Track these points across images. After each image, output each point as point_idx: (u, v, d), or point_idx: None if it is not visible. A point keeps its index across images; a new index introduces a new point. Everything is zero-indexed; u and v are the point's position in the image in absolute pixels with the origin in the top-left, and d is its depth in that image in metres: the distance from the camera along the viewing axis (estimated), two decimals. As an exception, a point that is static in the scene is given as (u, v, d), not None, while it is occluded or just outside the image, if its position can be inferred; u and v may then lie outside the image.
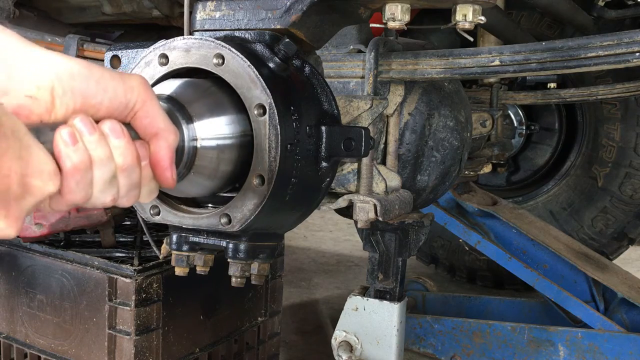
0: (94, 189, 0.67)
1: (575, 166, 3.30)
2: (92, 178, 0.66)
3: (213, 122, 0.91)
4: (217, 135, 0.92)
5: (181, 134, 0.85)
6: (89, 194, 0.67)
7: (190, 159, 0.87)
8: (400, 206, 1.35)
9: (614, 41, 1.14)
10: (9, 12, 2.02)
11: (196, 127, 0.88)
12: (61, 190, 0.64)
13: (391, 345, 1.63)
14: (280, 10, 1.10)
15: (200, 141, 0.88)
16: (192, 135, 0.87)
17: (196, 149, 0.88)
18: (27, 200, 0.60)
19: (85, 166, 0.65)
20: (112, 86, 0.68)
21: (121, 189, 0.69)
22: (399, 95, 1.39)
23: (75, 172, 0.64)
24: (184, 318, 1.86)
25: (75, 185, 0.65)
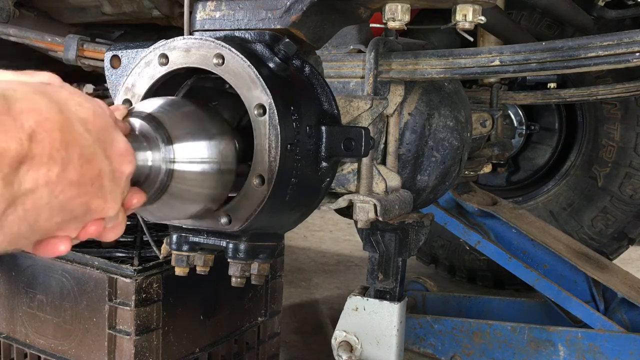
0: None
1: (575, 166, 3.30)
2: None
3: (192, 145, 0.88)
4: (195, 158, 0.88)
5: (158, 154, 0.82)
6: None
7: (165, 182, 0.84)
8: (400, 206, 1.35)
9: (614, 41, 1.14)
10: (9, 12, 2.02)
11: (175, 149, 0.85)
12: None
13: (391, 345, 1.63)
14: (280, 10, 1.10)
15: (177, 164, 0.85)
16: (169, 157, 0.84)
17: (172, 172, 0.84)
18: (120, 184, 0.67)
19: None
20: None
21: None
22: (399, 95, 1.39)
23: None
24: (184, 318, 1.86)
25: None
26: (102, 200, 0.64)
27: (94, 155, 0.62)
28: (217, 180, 0.92)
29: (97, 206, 0.64)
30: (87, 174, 0.61)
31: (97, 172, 0.62)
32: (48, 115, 0.58)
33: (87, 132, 0.62)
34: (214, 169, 0.91)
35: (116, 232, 0.70)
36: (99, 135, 0.64)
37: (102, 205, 0.64)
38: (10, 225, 0.56)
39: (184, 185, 0.87)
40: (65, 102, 0.61)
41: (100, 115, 0.65)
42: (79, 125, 0.61)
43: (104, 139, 0.64)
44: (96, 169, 0.62)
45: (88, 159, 0.61)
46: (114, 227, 0.70)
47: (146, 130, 0.83)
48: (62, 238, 0.63)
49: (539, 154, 3.64)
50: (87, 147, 0.61)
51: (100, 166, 0.63)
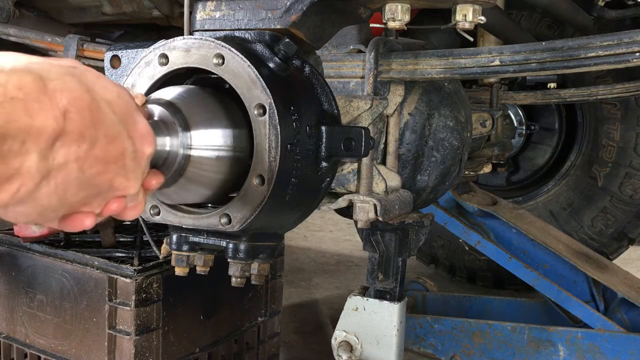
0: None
1: (575, 166, 3.30)
2: None
3: (209, 132, 0.92)
4: (211, 145, 0.92)
5: (175, 140, 0.86)
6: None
7: (182, 166, 0.87)
8: (400, 206, 1.35)
9: (614, 41, 1.14)
10: (9, 12, 2.02)
11: (192, 135, 0.88)
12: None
13: (391, 345, 1.63)
14: (280, 10, 1.10)
15: (194, 149, 0.89)
16: (186, 142, 0.88)
17: (189, 157, 0.88)
18: (141, 164, 0.70)
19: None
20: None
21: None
22: (399, 95, 1.39)
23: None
24: (184, 318, 1.86)
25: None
26: (124, 178, 0.67)
27: (119, 135, 0.65)
28: (231, 166, 0.95)
29: (120, 183, 0.67)
30: (112, 152, 0.64)
31: (121, 150, 0.66)
32: (79, 94, 0.61)
33: (112, 113, 0.65)
34: (229, 156, 0.94)
35: (137, 211, 0.73)
36: (122, 116, 0.67)
37: (125, 182, 0.68)
38: (42, 197, 0.59)
39: (200, 170, 0.90)
40: (92, 84, 0.64)
41: (123, 98, 0.68)
42: (105, 105, 0.64)
43: (127, 120, 0.68)
44: (120, 147, 0.66)
45: (113, 137, 0.65)
46: (134, 207, 0.73)
47: (165, 116, 0.86)
48: (87, 213, 0.67)
49: (539, 154, 3.64)
50: (112, 127, 0.65)
51: (124, 145, 0.66)
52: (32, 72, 0.58)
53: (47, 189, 0.59)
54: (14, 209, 0.59)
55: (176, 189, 0.91)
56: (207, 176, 0.93)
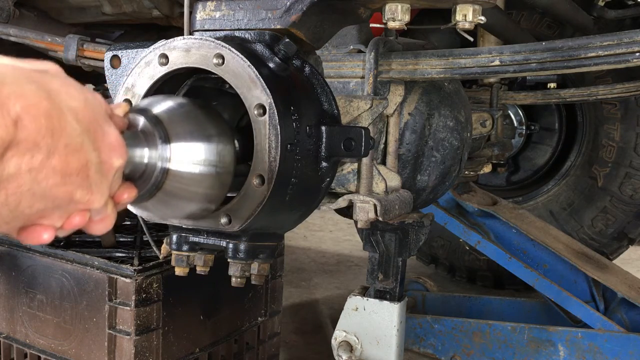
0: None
1: (575, 166, 3.30)
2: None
3: (190, 147, 0.87)
4: (192, 160, 0.87)
5: (154, 152, 0.82)
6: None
7: (160, 180, 0.84)
8: (400, 206, 1.35)
9: (614, 41, 1.14)
10: (9, 12, 2.02)
11: (172, 148, 0.84)
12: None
13: (391, 345, 1.63)
14: (280, 10, 1.10)
15: (173, 163, 0.84)
16: (165, 155, 0.84)
17: (168, 171, 0.84)
18: (107, 177, 0.66)
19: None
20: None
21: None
22: (399, 95, 1.39)
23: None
24: (184, 318, 1.86)
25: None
26: (86, 191, 0.63)
27: (81, 146, 0.62)
28: (213, 181, 0.92)
29: (81, 197, 0.63)
30: (73, 164, 0.61)
31: (83, 162, 0.62)
32: (35, 101, 0.57)
33: (76, 122, 0.61)
34: (211, 171, 0.90)
35: (105, 225, 0.70)
36: (89, 125, 0.63)
37: (87, 196, 0.64)
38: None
39: (179, 184, 0.86)
40: (55, 91, 0.61)
41: (92, 106, 0.65)
42: (68, 114, 0.61)
43: (94, 130, 0.64)
44: (83, 159, 0.62)
45: (75, 148, 0.61)
46: (102, 220, 0.69)
47: (145, 127, 0.83)
48: (46, 226, 0.64)
49: (539, 154, 3.64)
50: (75, 137, 0.61)
51: (88, 157, 0.63)
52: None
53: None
54: None
55: (155, 203, 0.87)
56: (187, 190, 0.89)
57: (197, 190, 0.90)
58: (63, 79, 0.64)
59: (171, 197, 0.87)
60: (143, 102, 0.92)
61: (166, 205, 0.90)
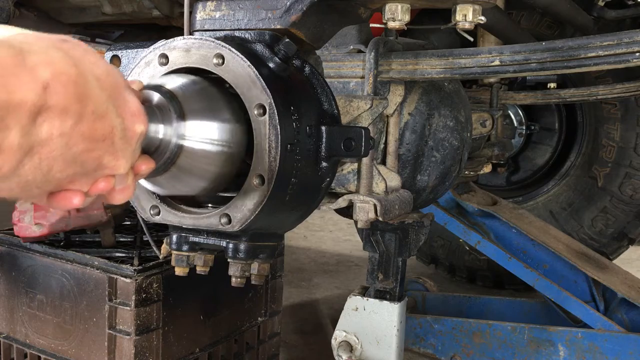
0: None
1: (575, 166, 3.30)
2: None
3: (205, 125, 0.89)
4: (206, 138, 0.89)
5: (169, 128, 0.84)
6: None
7: (174, 155, 0.85)
8: (400, 206, 1.35)
9: (614, 41, 1.14)
10: (9, 12, 2.02)
11: (187, 125, 0.86)
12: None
13: (391, 345, 1.63)
14: (280, 10, 1.10)
15: (187, 140, 0.86)
16: (180, 132, 0.85)
17: (182, 147, 0.86)
18: (131, 143, 0.69)
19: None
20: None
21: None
22: (399, 95, 1.39)
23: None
24: (184, 318, 1.86)
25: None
26: (113, 156, 0.66)
27: (107, 112, 0.64)
28: (225, 160, 0.93)
29: (108, 162, 0.66)
30: (100, 129, 0.63)
31: (109, 128, 0.64)
32: (63, 68, 0.59)
33: (101, 89, 0.63)
34: (224, 149, 0.92)
35: (125, 195, 0.72)
36: (111, 92, 0.65)
37: (113, 161, 0.66)
38: (25, 173, 0.58)
39: (193, 161, 0.88)
40: (80, 58, 0.63)
41: (113, 75, 0.67)
42: (93, 81, 0.63)
43: (117, 97, 0.66)
44: (108, 125, 0.64)
45: (101, 114, 0.63)
46: (123, 190, 0.71)
47: (161, 103, 0.84)
48: (75, 191, 0.66)
49: (539, 154, 3.64)
50: (100, 103, 0.63)
51: (113, 123, 0.64)
52: (11, 46, 0.56)
53: (30, 165, 0.58)
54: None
55: (168, 178, 0.89)
56: (200, 167, 0.91)
57: (209, 167, 0.92)
58: (84, 47, 0.66)
59: (184, 172, 0.89)
60: (159, 80, 0.94)
61: (178, 180, 0.91)
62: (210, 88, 0.96)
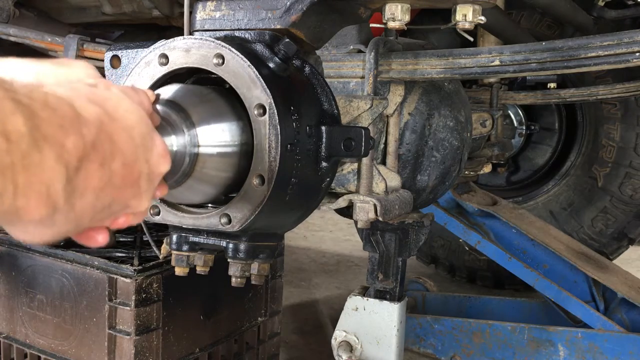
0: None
1: (575, 166, 3.30)
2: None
3: (214, 128, 0.91)
4: (219, 142, 0.91)
5: (182, 139, 0.85)
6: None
7: (190, 165, 0.86)
8: (400, 206, 1.35)
9: (614, 41, 1.14)
10: (9, 12, 2.02)
11: (198, 132, 0.87)
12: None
13: (391, 345, 1.63)
14: (280, 10, 1.10)
15: (202, 147, 0.88)
16: (193, 141, 0.87)
17: (197, 155, 0.87)
18: (154, 183, 0.71)
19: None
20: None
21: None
22: (399, 95, 1.39)
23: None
24: (184, 318, 1.86)
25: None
26: (138, 199, 0.68)
27: (136, 161, 0.66)
28: (239, 160, 0.95)
29: (133, 204, 0.68)
30: (128, 179, 0.65)
31: (137, 175, 0.66)
32: (104, 124, 0.61)
33: (132, 140, 0.65)
34: (238, 151, 0.94)
35: (138, 219, 0.74)
36: (142, 140, 0.67)
37: (138, 203, 0.69)
38: (59, 225, 0.60)
39: (208, 169, 0.90)
40: (114, 110, 0.64)
41: (144, 122, 0.68)
42: (125, 133, 0.65)
43: (146, 144, 0.68)
44: (137, 172, 0.66)
45: (130, 165, 0.65)
46: (137, 216, 0.73)
47: (169, 116, 0.85)
48: (99, 230, 0.69)
49: (539, 154, 3.64)
50: (131, 154, 0.65)
51: (141, 169, 0.67)
52: (62, 98, 0.58)
53: (65, 215, 0.59)
54: (33, 228, 0.59)
55: (183, 189, 0.90)
56: (215, 175, 0.92)
57: (223, 172, 0.93)
58: (116, 93, 0.67)
59: (199, 182, 0.90)
60: (160, 92, 0.94)
61: (192, 190, 0.93)
62: (211, 91, 0.97)
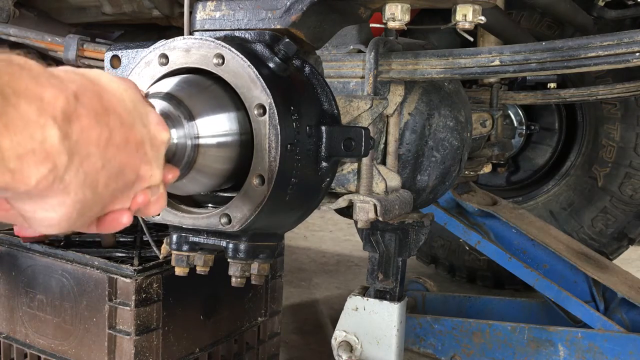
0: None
1: (575, 166, 3.30)
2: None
3: (214, 119, 0.91)
4: (218, 132, 0.91)
5: (182, 131, 0.85)
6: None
7: (192, 157, 0.87)
8: (400, 206, 1.35)
9: (614, 41, 1.14)
10: (9, 12, 2.02)
11: (197, 124, 0.88)
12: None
13: (391, 345, 1.63)
14: (280, 10, 1.10)
15: (202, 139, 0.88)
16: (193, 132, 0.87)
17: (198, 147, 0.88)
18: (160, 152, 0.71)
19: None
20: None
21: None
22: (399, 95, 1.39)
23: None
24: (184, 318, 1.86)
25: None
26: (149, 166, 0.68)
27: (134, 123, 0.66)
28: (240, 150, 0.95)
29: (145, 172, 0.68)
30: (132, 140, 0.65)
31: (139, 138, 0.66)
32: (87, 84, 0.62)
33: (122, 101, 0.66)
34: (237, 140, 0.94)
35: (160, 205, 0.74)
36: (134, 104, 0.67)
37: (150, 171, 0.69)
38: (75, 190, 0.59)
39: (210, 160, 0.90)
40: (97, 78, 0.65)
41: (132, 89, 0.69)
42: (115, 95, 0.65)
43: (139, 109, 0.68)
44: (138, 135, 0.66)
45: (129, 126, 0.65)
46: (157, 200, 0.73)
47: (167, 109, 0.86)
48: (122, 211, 0.68)
49: (539, 154, 3.64)
50: (126, 115, 0.65)
51: (141, 133, 0.67)
52: (39, 65, 0.58)
53: (77, 180, 0.58)
54: (51, 199, 0.58)
55: (186, 181, 0.91)
56: (216, 165, 0.92)
57: (224, 163, 0.94)
58: (98, 70, 0.68)
59: (202, 173, 0.90)
60: (157, 86, 0.95)
61: (195, 183, 0.93)
62: (208, 82, 0.97)
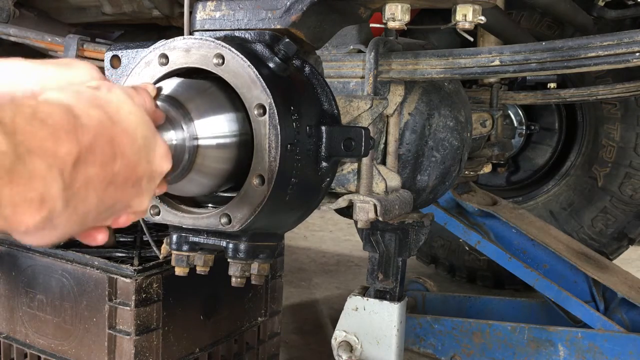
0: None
1: (575, 166, 3.30)
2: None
3: (213, 121, 0.91)
4: (217, 133, 0.91)
5: (181, 132, 0.85)
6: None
7: (191, 158, 0.87)
8: (400, 206, 1.35)
9: (614, 41, 1.14)
10: (9, 12, 2.02)
11: (196, 126, 0.88)
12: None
13: (391, 345, 1.63)
14: (280, 10, 1.10)
15: (201, 140, 0.88)
16: (192, 133, 0.87)
17: (197, 148, 0.88)
18: (156, 182, 0.72)
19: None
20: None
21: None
22: (399, 95, 1.39)
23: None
24: (184, 318, 1.86)
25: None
26: (140, 198, 0.69)
27: (138, 163, 0.67)
28: (239, 150, 0.95)
29: (135, 204, 0.69)
30: (131, 179, 0.66)
31: (140, 175, 0.67)
32: (104, 126, 0.62)
33: (133, 142, 0.66)
34: (237, 141, 0.95)
35: (138, 217, 0.75)
36: (145, 141, 0.68)
37: (139, 202, 0.70)
38: (64, 227, 0.60)
39: (209, 160, 0.90)
40: (116, 112, 0.65)
41: (146, 123, 0.69)
42: (126, 135, 0.65)
43: (148, 145, 0.69)
44: (139, 173, 0.67)
45: (133, 167, 0.66)
46: (137, 215, 0.74)
47: (167, 111, 0.85)
48: (100, 229, 0.69)
49: (539, 154, 3.64)
50: (132, 156, 0.65)
51: (143, 170, 0.68)
52: (61, 104, 0.58)
53: (68, 218, 0.59)
54: (34, 234, 0.59)
55: (184, 182, 0.91)
56: (215, 166, 0.93)
57: (223, 164, 0.94)
58: (118, 94, 0.67)
59: (201, 175, 0.91)
60: (160, 85, 0.95)
61: (193, 184, 0.93)
62: (209, 85, 0.97)
